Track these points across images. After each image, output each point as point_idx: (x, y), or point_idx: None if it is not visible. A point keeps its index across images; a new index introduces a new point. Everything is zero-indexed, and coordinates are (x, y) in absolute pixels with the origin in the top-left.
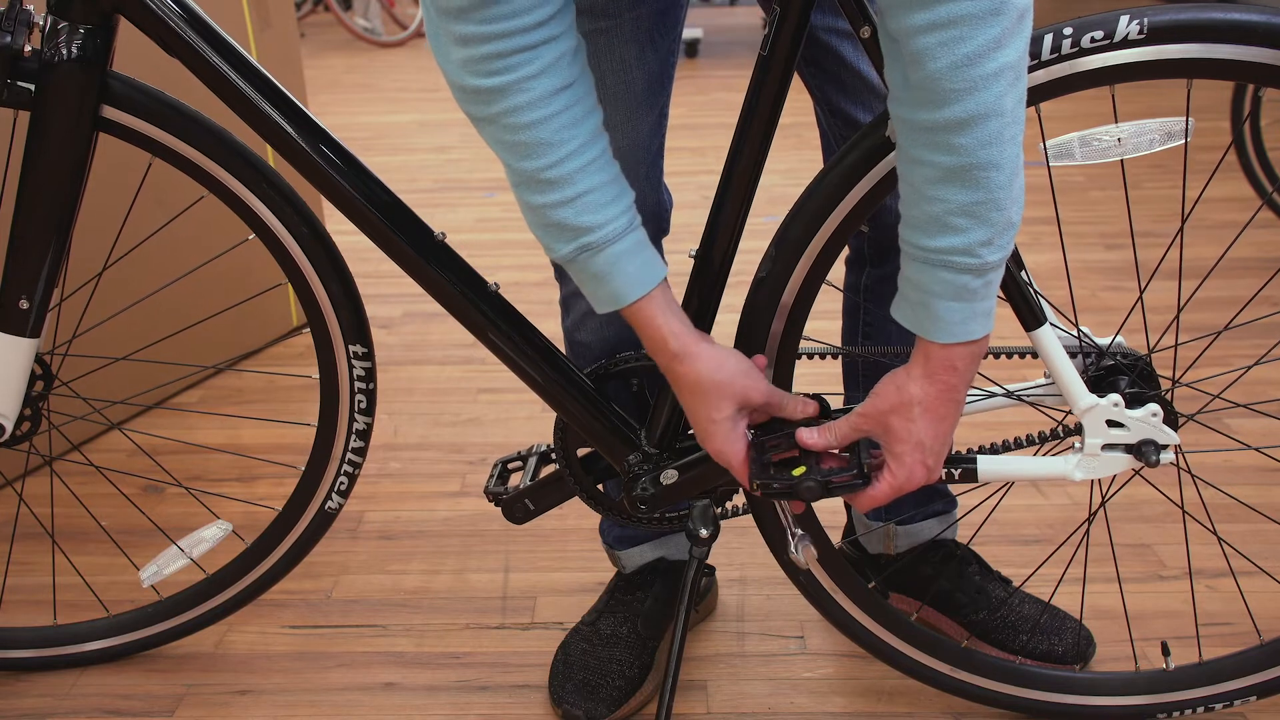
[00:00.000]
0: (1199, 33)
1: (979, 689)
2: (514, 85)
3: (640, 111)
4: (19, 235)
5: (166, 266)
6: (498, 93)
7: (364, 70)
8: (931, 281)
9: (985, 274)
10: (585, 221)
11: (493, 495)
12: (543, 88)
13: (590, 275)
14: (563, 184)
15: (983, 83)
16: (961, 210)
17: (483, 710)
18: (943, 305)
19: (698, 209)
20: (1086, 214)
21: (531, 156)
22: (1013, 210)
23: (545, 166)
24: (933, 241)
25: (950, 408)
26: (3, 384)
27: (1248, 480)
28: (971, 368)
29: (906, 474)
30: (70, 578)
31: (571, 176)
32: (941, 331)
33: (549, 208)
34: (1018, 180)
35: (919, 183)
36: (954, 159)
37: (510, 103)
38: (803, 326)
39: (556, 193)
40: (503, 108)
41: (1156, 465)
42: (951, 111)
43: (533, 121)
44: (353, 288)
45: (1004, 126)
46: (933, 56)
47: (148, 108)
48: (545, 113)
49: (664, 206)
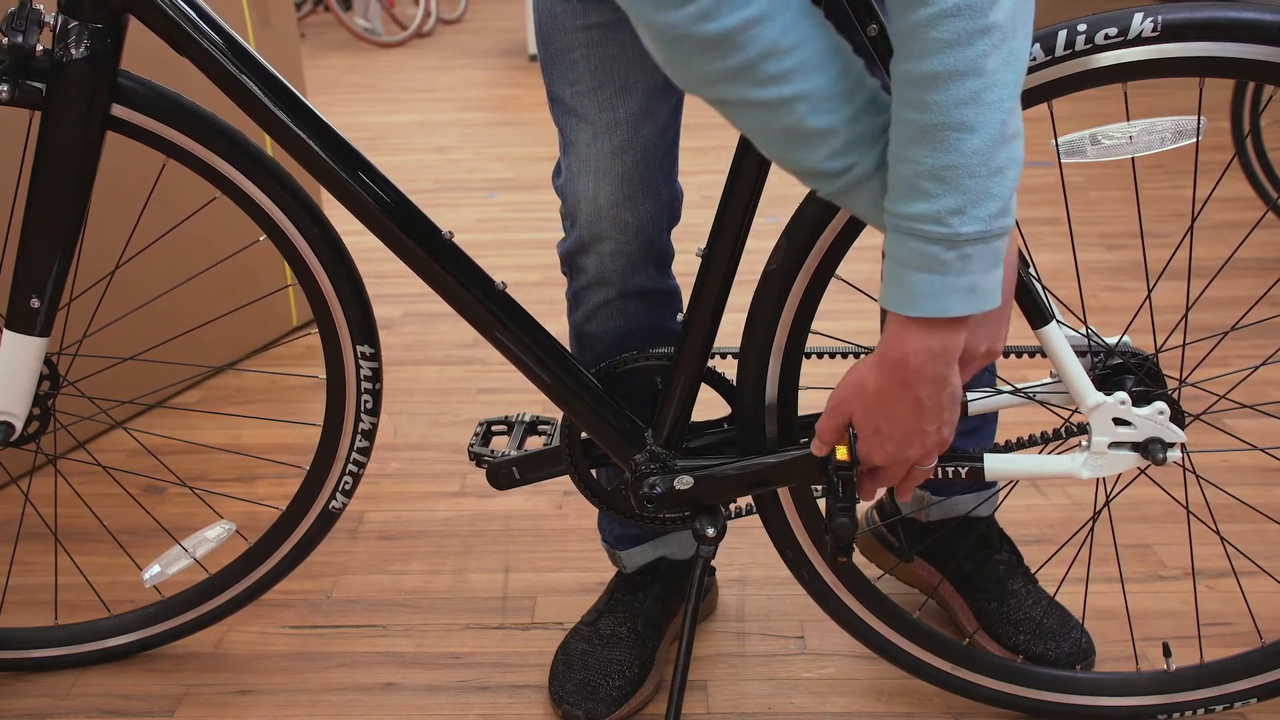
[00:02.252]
0: (1214, 31)
1: (980, 687)
2: (768, 11)
3: (660, 100)
4: (29, 234)
5: (169, 267)
6: (752, 24)
7: (364, 70)
8: (903, 251)
9: (958, 246)
10: (885, 119)
11: (475, 456)
12: (791, 3)
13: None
14: (858, 88)
15: (966, 38)
16: (931, 174)
17: (483, 710)
18: (912, 276)
19: (699, 209)
20: (1086, 214)
21: (814, 74)
22: (991, 181)
23: (836, 76)
24: (904, 207)
25: (903, 407)
26: (12, 383)
27: (1247, 480)
28: (928, 367)
29: (867, 458)
30: (68, 578)
31: (862, 76)
32: (910, 304)
33: (854, 117)
34: (1001, 151)
35: (896, 143)
36: (926, 116)
37: (772, 27)
38: (811, 321)
39: (857, 99)
40: (765, 39)
41: (1164, 463)
42: (930, 63)
43: (801, 40)
44: (361, 288)
45: (983, 89)
46: (926, 2)
47: (159, 106)
48: (811, 25)
49: (677, 196)
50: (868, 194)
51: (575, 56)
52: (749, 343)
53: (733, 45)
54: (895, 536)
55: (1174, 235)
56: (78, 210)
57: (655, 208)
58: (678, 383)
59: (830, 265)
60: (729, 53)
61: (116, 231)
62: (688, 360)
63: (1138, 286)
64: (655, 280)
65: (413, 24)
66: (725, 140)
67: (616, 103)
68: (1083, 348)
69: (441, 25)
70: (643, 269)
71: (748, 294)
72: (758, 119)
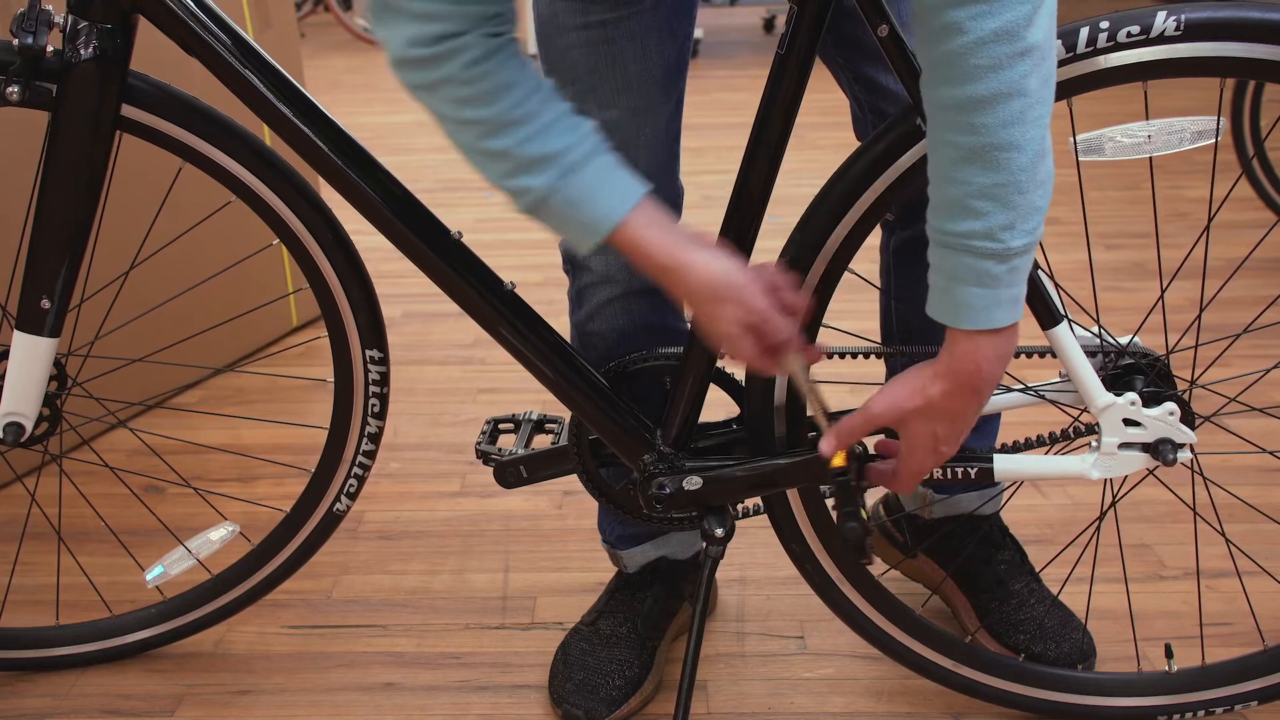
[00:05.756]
0: (1237, 31)
1: (982, 685)
2: (467, 44)
3: (660, 99)
4: (40, 235)
5: (174, 269)
6: (450, 54)
7: (364, 70)
8: (954, 267)
9: (1009, 260)
10: (561, 143)
11: (483, 454)
12: (493, 40)
13: (573, 201)
14: (530, 117)
15: (1008, 61)
16: (982, 193)
17: (483, 710)
18: (965, 291)
19: (699, 209)
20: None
21: (493, 100)
22: (1036, 194)
23: (511, 105)
24: (954, 225)
25: (969, 405)
26: (24, 384)
27: (1248, 480)
28: (996, 367)
29: (920, 461)
30: (68, 578)
31: (538, 109)
32: (964, 318)
33: (521, 144)
34: (1043, 164)
35: (942, 165)
36: (974, 139)
37: (465, 58)
38: (822, 317)
39: (525, 127)
40: (457, 64)
41: (1173, 464)
42: (974, 89)
43: (489, 70)
44: (372, 292)
45: (1027, 107)
46: (962, 30)
47: (169, 107)
48: (501, 58)
49: (678, 195)
50: (552, 216)
51: (575, 55)
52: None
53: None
54: (900, 532)
55: (1175, 235)
56: (88, 211)
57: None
58: (686, 383)
59: (843, 261)
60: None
61: (124, 234)
62: (696, 360)
63: (1137, 286)
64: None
65: None
66: (725, 140)
67: (616, 101)
68: (1092, 348)
69: None
70: None
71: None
72: (445, 129)
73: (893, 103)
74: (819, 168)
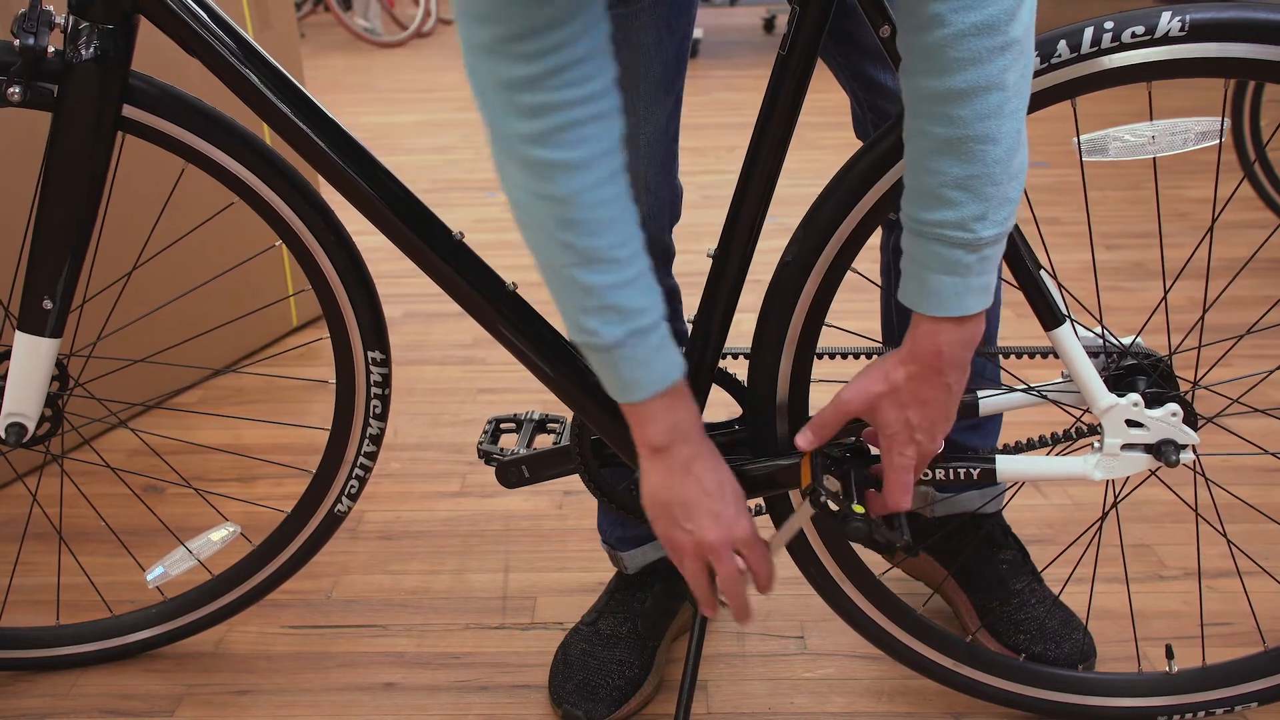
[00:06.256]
0: (1243, 32)
1: (983, 685)
2: (593, 159)
3: (659, 97)
4: (42, 236)
5: (175, 270)
6: (576, 168)
7: (364, 70)
8: (926, 254)
9: (979, 249)
10: (640, 303)
11: (485, 454)
12: (613, 163)
13: (629, 360)
14: (626, 263)
15: (988, 55)
16: (956, 183)
17: (483, 710)
18: (936, 278)
19: (700, 209)
20: (1084, 214)
21: (600, 233)
22: (1010, 186)
23: (614, 244)
24: (927, 214)
25: (935, 389)
26: (26, 384)
27: (1248, 480)
28: (959, 351)
29: (899, 452)
30: (69, 578)
31: (634, 255)
32: (934, 304)
33: (609, 288)
34: (1016, 157)
35: (918, 154)
36: (951, 130)
37: (589, 178)
38: (825, 316)
39: (618, 272)
40: (581, 184)
41: (1176, 465)
42: (954, 81)
43: (606, 199)
44: (374, 294)
45: (1005, 101)
46: (943, 23)
47: (171, 108)
48: (616, 190)
49: (677, 194)
50: (599, 360)
51: None
52: (762, 336)
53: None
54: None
55: (1176, 235)
56: (90, 212)
57: (656, 205)
58: (688, 383)
59: (846, 260)
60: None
61: (126, 235)
62: (698, 360)
63: (1137, 286)
64: (658, 278)
65: (413, 24)
66: (725, 140)
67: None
68: (1095, 348)
69: (441, 25)
70: None
71: (757, 295)
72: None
73: (893, 102)
74: (819, 168)
